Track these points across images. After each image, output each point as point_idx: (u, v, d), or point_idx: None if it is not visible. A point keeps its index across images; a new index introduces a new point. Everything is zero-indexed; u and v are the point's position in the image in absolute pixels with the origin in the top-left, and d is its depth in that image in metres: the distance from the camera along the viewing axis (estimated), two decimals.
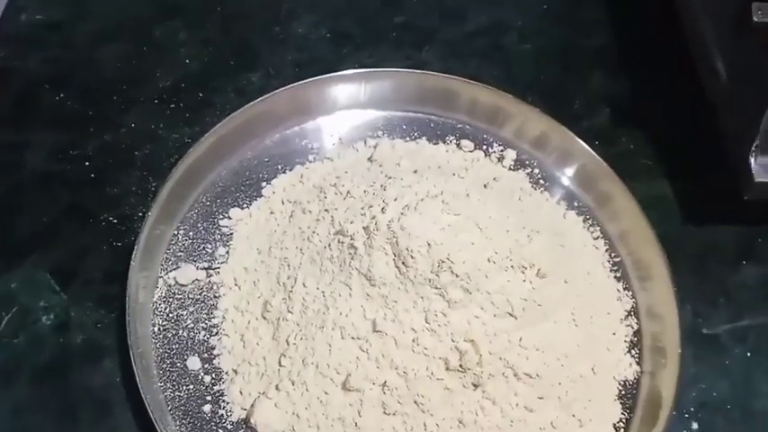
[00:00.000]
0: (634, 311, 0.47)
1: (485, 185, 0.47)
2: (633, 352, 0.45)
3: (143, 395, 0.38)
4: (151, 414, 0.37)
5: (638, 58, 0.60)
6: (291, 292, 0.42)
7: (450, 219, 0.40)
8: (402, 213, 0.40)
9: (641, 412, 0.43)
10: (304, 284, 0.42)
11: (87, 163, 0.50)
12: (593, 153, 0.50)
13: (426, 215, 0.40)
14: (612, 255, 0.49)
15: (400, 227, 0.40)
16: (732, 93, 0.50)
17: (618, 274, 0.48)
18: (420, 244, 0.39)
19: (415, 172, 0.46)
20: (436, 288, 0.39)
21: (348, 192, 0.45)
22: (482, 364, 0.39)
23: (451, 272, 0.39)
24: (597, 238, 0.50)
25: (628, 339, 0.46)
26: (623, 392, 0.44)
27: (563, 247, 0.46)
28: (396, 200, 0.41)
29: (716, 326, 0.48)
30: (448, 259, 0.39)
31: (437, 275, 0.39)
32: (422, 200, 0.41)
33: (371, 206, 0.42)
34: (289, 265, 0.44)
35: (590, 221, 0.50)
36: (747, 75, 0.48)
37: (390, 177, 0.45)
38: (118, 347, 0.43)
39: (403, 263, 0.39)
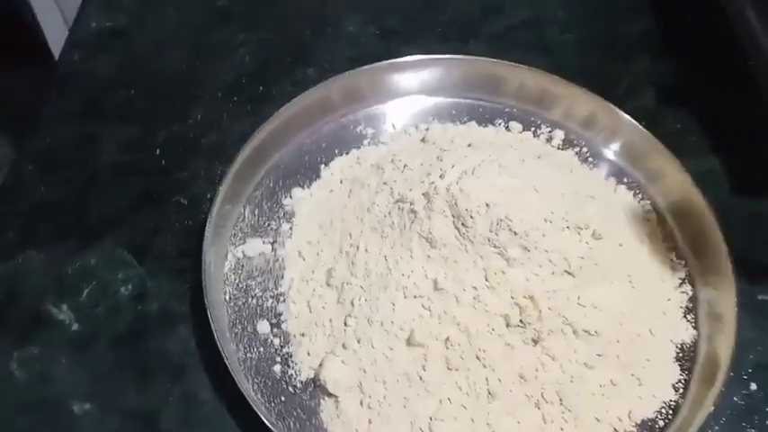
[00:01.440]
0: (688, 279, 0.47)
1: (538, 156, 0.48)
2: (689, 317, 0.46)
3: (222, 353, 0.40)
4: (230, 368, 0.39)
5: (681, 40, 0.62)
6: (354, 258, 0.44)
7: (508, 181, 0.42)
8: (460, 178, 0.42)
9: (699, 373, 0.43)
10: (366, 251, 0.44)
11: (158, 151, 0.53)
12: (643, 129, 0.52)
13: (484, 178, 0.42)
14: (664, 226, 0.50)
15: (459, 189, 0.42)
16: None
17: (670, 245, 0.49)
18: (479, 204, 0.41)
19: (469, 146, 0.48)
20: (495, 247, 0.41)
21: (405, 165, 0.47)
22: (541, 320, 0.40)
23: (510, 230, 0.40)
24: (648, 210, 0.51)
25: (683, 305, 0.46)
26: (681, 354, 0.44)
27: (616, 214, 0.47)
28: (453, 167, 0.43)
29: None
30: (506, 218, 0.40)
31: (496, 234, 0.41)
32: (479, 165, 0.42)
33: (429, 174, 0.44)
34: (350, 235, 0.46)
35: (640, 196, 0.51)
36: None
37: (446, 150, 0.46)
38: (191, 315, 0.45)
39: (462, 224, 0.41)
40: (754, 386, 0.44)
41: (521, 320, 0.41)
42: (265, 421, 0.38)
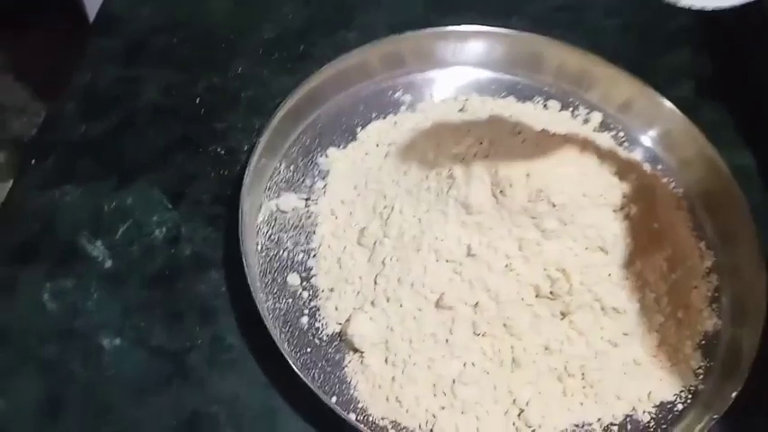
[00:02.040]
0: (716, 269, 0.48)
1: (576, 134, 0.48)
2: (714, 306, 0.46)
3: (254, 299, 0.40)
4: (262, 315, 0.40)
5: (721, 34, 0.62)
6: (388, 219, 0.44)
7: (550, 152, 0.42)
8: (501, 146, 0.42)
9: (721, 362, 0.44)
10: (401, 212, 0.44)
11: (197, 100, 0.54)
12: (682, 114, 0.52)
13: (526, 147, 0.42)
14: (695, 215, 0.50)
15: (499, 158, 0.42)
16: None
17: (700, 233, 0.49)
18: (519, 173, 0.41)
19: (510, 116, 0.48)
20: (532, 218, 0.41)
21: (444, 134, 0.47)
22: (571, 294, 0.41)
23: (548, 202, 0.41)
24: (680, 198, 0.51)
25: (709, 294, 0.47)
26: (704, 342, 0.45)
27: (650, 196, 0.47)
28: (493, 136, 0.43)
29: None
30: (546, 189, 0.40)
31: (534, 204, 0.41)
32: (519, 134, 0.43)
33: (468, 143, 0.44)
34: (385, 197, 0.46)
35: (674, 183, 0.51)
36: None
37: (487, 118, 0.47)
38: (223, 262, 0.46)
39: (501, 192, 0.41)
40: None
41: (551, 292, 0.41)
42: (293, 366, 0.38)
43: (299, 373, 0.38)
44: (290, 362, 0.39)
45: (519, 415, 0.40)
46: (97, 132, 0.51)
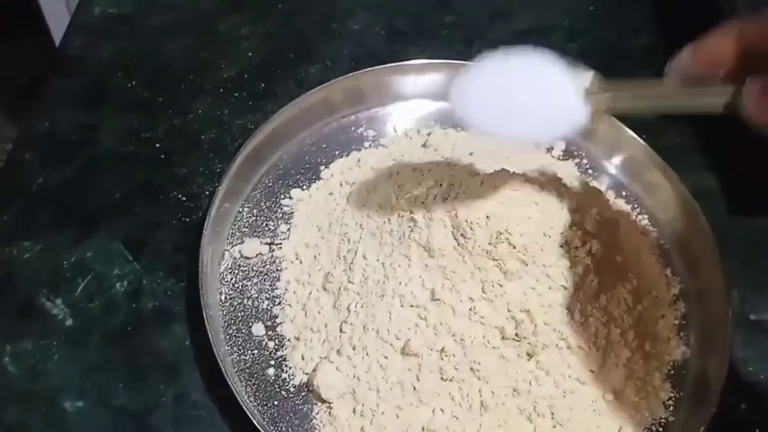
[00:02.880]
0: (682, 296, 0.48)
1: (539, 167, 0.48)
2: (681, 334, 0.46)
3: (216, 355, 0.40)
4: (223, 370, 0.39)
5: None
6: (352, 263, 0.44)
7: (509, 193, 0.41)
8: (462, 187, 0.42)
9: (690, 392, 0.44)
10: (364, 256, 0.44)
11: (158, 145, 0.53)
12: (643, 143, 0.52)
13: (485, 189, 0.42)
14: (661, 242, 0.50)
15: (460, 200, 0.41)
16: None
17: (666, 260, 0.49)
18: (479, 216, 0.41)
19: (471, 154, 0.48)
20: (494, 259, 0.41)
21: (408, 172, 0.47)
22: (537, 334, 0.41)
23: (509, 243, 0.40)
24: (645, 225, 0.51)
25: (677, 322, 0.47)
26: (672, 372, 0.45)
27: (614, 229, 0.47)
28: (454, 177, 0.43)
29: (763, 312, 0.48)
30: (506, 231, 0.40)
31: (495, 247, 0.41)
32: (481, 174, 0.42)
33: (430, 182, 0.44)
34: (349, 240, 0.45)
35: (638, 210, 0.52)
36: None
37: (447, 158, 0.46)
38: (186, 314, 0.45)
39: (462, 234, 0.41)
40: (744, 406, 0.44)
41: (516, 334, 0.41)
42: (257, 426, 0.38)
43: (263, 431, 0.38)
44: (253, 420, 0.38)
45: None
46: (55, 182, 0.51)
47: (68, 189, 0.50)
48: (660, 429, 0.42)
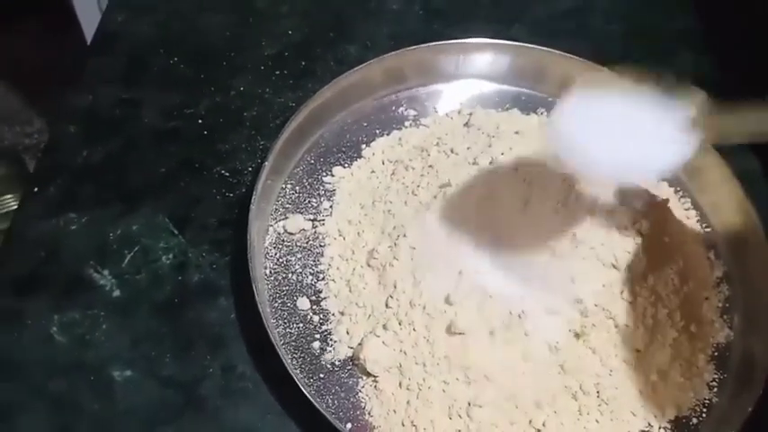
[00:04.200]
0: (726, 278, 0.47)
1: None
2: (725, 317, 0.46)
3: (266, 327, 0.40)
4: (273, 342, 0.40)
5: (723, 37, 0.61)
6: (397, 241, 0.44)
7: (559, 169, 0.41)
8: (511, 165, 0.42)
9: (735, 374, 0.44)
10: (410, 235, 0.44)
11: (200, 121, 0.53)
12: None
13: (537, 166, 0.41)
14: (704, 225, 0.50)
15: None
16: None
17: (709, 243, 0.49)
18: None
19: (517, 133, 0.48)
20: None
21: (452, 149, 0.47)
22: (586, 314, 0.41)
23: (560, 222, 0.40)
24: (688, 208, 0.50)
25: (720, 305, 0.46)
26: (716, 354, 0.44)
27: (659, 210, 0.46)
28: (503, 154, 0.43)
29: None
30: (558, 207, 0.40)
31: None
32: (531, 152, 0.42)
33: (477, 160, 0.44)
34: (393, 216, 0.46)
35: (681, 193, 0.51)
36: None
37: (494, 136, 0.46)
38: (232, 287, 0.45)
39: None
40: None
41: (565, 313, 0.41)
42: (308, 395, 0.38)
43: (314, 401, 0.38)
44: (304, 390, 0.38)
45: None
46: (99, 157, 0.51)
47: (112, 164, 0.51)
48: (705, 410, 0.42)
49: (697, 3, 0.64)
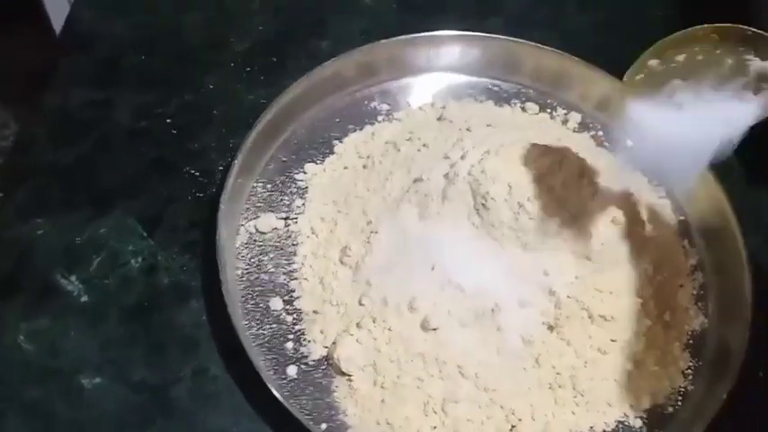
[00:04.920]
0: (700, 266, 0.47)
1: (558, 139, 0.48)
2: (700, 304, 0.46)
3: (236, 329, 0.40)
4: (243, 344, 0.39)
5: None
6: (370, 237, 0.44)
7: (529, 164, 0.41)
8: (482, 158, 0.42)
9: (710, 361, 0.44)
10: (383, 231, 0.43)
11: (169, 120, 0.52)
12: None
13: (507, 159, 0.41)
14: (677, 213, 0.50)
15: (481, 170, 0.41)
16: None
17: (683, 232, 0.49)
18: (501, 187, 0.40)
19: (489, 125, 0.47)
20: (514, 230, 0.40)
21: (424, 144, 0.47)
22: (559, 306, 0.40)
23: (530, 215, 0.40)
24: (662, 197, 0.50)
25: (695, 292, 0.46)
26: (691, 342, 0.44)
27: (633, 200, 0.46)
28: (474, 147, 0.43)
29: None
30: (528, 201, 0.40)
31: (516, 219, 0.40)
32: (501, 145, 0.42)
33: (449, 154, 0.43)
34: (366, 213, 0.45)
35: (655, 182, 0.51)
36: None
37: (467, 129, 0.46)
38: (203, 289, 0.45)
39: (483, 205, 0.41)
40: (761, 374, 0.44)
41: (537, 305, 0.40)
42: (279, 398, 0.38)
43: (285, 404, 0.37)
44: (276, 392, 0.38)
45: (512, 429, 0.40)
46: (68, 159, 0.50)
47: (81, 166, 0.50)
48: (680, 398, 0.42)
49: None
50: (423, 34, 0.55)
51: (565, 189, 0.41)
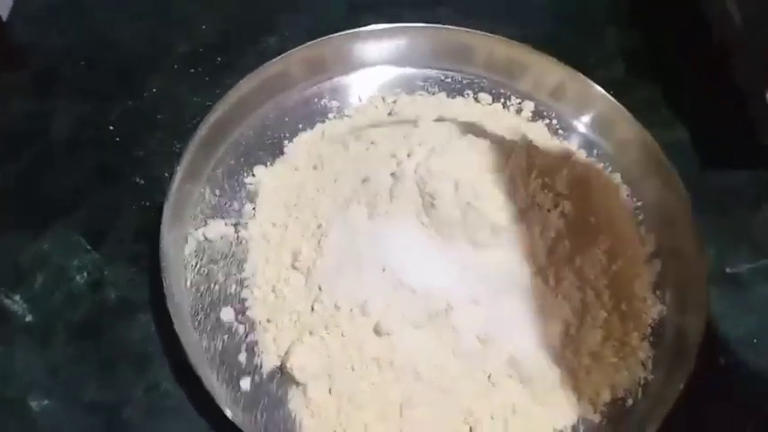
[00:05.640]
0: (657, 253, 0.47)
1: (510, 129, 0.47)
2: (658, 292, 0.46)
3: (182, 344, 0.39)
4: (191, 360, 0.38)
5: (650, 11, 0.61)
6: (321, 240, 0.43)
7: (477, 159, 0.40)
8: (428, 156, 0.41)
9: (669, 350, 0.43)
10: (333, 233, 0.43)
11: (112, 128, 0.51)
12: (612, 99, 0.51)
13: (452, 156, 0.40)
14: (634, 199, 0.49)
15: (427, 169, 0.40)
16: (747, 38, 0.51)
17: (639, 218, 0.49)
18: (447, 185, 0.40)
19: (437, 120, 0.46)
20: (463, 228, 0.40)
21: (372, 142, 0.46)
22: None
23: (478, 212, 0.39)
24: (618, 183, 0.50)
25: (653, 280, 0.46)
26: (650, 331, 0.44)
27: (586, 188, 0.46)
28: (420, 145, 0.42)
29: (738, 265, 0.48)
30: (475, 199, 0.39)
31: (464, 216, 0.39)
32: (447, 142, 0.41)
33: (396, 153, 0.43)
34: (316, 216, 0.44)
35: (610, 168, 0.51)
36: (762, 18, 0.48)
37: (414, 126, 0.45)
38: (152, 303, 0.44)
39: (431, 204, 0.40)
40: (722, 360, 0.44)
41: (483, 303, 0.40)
42: (229, 415, 0.37)
43: (235, 422, 0.37)
44: (227, 411, 0.37)
45: (470, 431, 0.39)
46: (7, 175, 0.48)
47: (21, 182, 0.48)
48: (639, 389, 0.42)
49: None
50: (371, 27, 0.53)
51: (512, 183, 0.40)
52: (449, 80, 0.54)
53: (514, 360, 0.40)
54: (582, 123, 0.52)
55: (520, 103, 0.53)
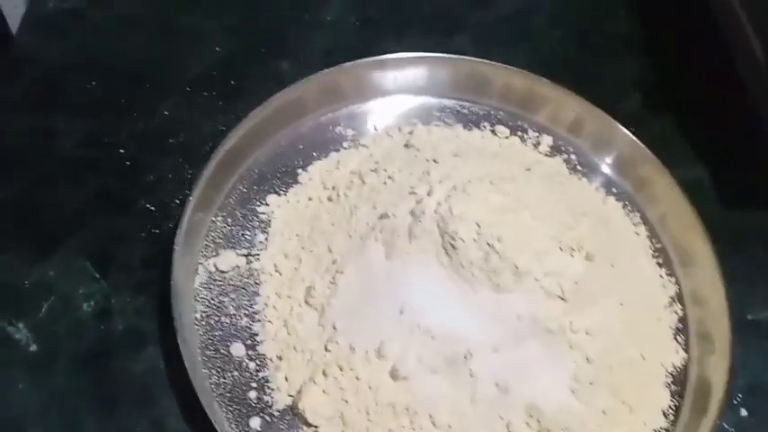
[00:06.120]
0: (678, 297, 0.46)
1: (527, 169, 0.46)
2: (679, 338, 0.45)
3: (192, 380, 0.37)
4: (200, 398, 0.37)
5: (667, 42, 0.60)
6: (335, 277, 0.41)
7: (499, 199, 0.39)
8: (449, 195, 0.40)
9: (691, 399, 0.42)
10: (349, 270, 0.41)
11: (122, 150, 0.49)
12: (632, 136, 0.50)
13: (474, 196, 0.39)
14: (654, 240, 0.48)
15: (448, 209, 0.39)
16: None
17: (660, 260, 0.48)
18: (469, 226, 0.38)
19: (456, 156, 0.45)
20: (485, 271, 0.39)
21: (389, 176, 0.45)
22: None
23: (500, 255, 0.38)
24: (637, 224, 0.49)
25: (673, 326, 0.45)
26: (671, 379, 0.43)
27: (607, 231, 0.45)
28: (441, 182, 0.41)
29: (761, 311, 0.47)
30: (497, 241, 0.38)
31: (486, 259, 0.38)
32: (469, 181, 0.40)
33: (415, 190, 0.42)
34: (331, 251, 0.43)
35: (629, 207, 0.50)
36: None
37: (433, 161, 0.44)
38: (159, 334, 0.42)
39: (451, 245, 0.39)
40: (744, 412, 0.43)
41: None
42: None
43: None
44: None
45: None
46: (8, 196, 0.47)
47: (23, 203, 0.47)
48: None
49: (640, 5, 0.63)
50: (389, 56, 0.52)
51: (536, 222, 0.39)
52: (465, 111, 0.53)
53: (533, 407, 0.39)
54: (602, 161, 0.52)
55: (538, 137, 0.52)
